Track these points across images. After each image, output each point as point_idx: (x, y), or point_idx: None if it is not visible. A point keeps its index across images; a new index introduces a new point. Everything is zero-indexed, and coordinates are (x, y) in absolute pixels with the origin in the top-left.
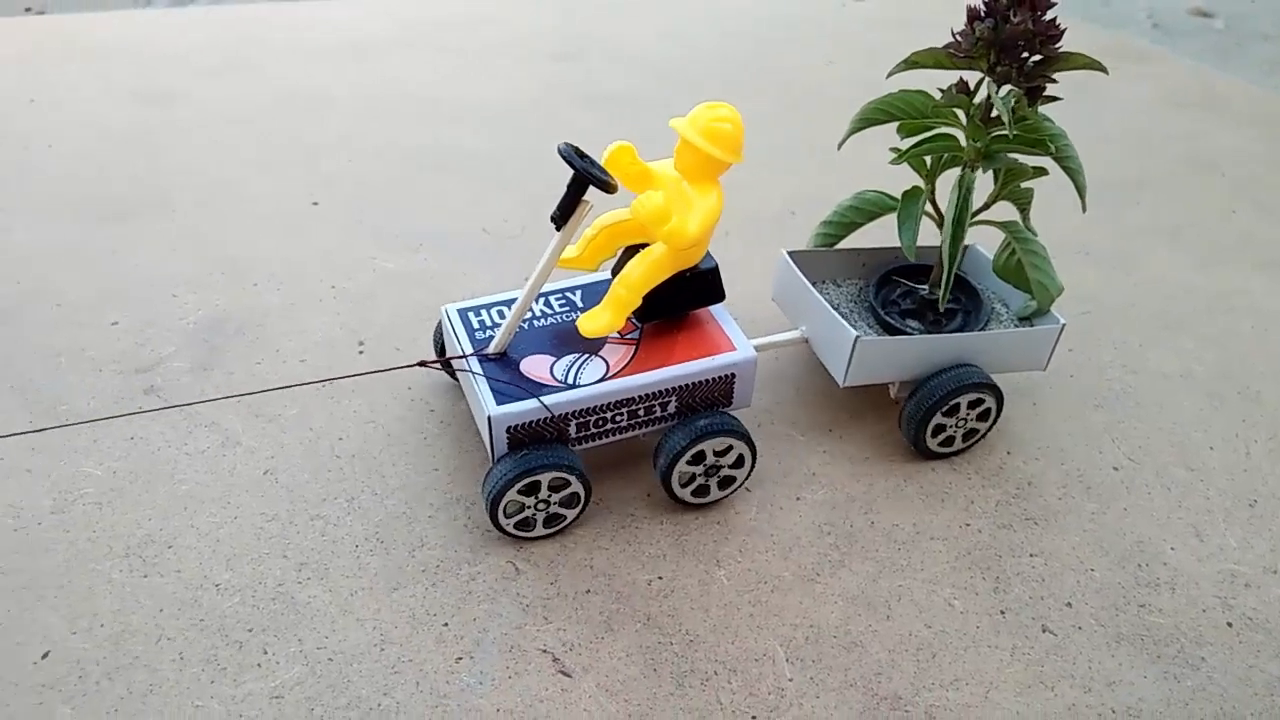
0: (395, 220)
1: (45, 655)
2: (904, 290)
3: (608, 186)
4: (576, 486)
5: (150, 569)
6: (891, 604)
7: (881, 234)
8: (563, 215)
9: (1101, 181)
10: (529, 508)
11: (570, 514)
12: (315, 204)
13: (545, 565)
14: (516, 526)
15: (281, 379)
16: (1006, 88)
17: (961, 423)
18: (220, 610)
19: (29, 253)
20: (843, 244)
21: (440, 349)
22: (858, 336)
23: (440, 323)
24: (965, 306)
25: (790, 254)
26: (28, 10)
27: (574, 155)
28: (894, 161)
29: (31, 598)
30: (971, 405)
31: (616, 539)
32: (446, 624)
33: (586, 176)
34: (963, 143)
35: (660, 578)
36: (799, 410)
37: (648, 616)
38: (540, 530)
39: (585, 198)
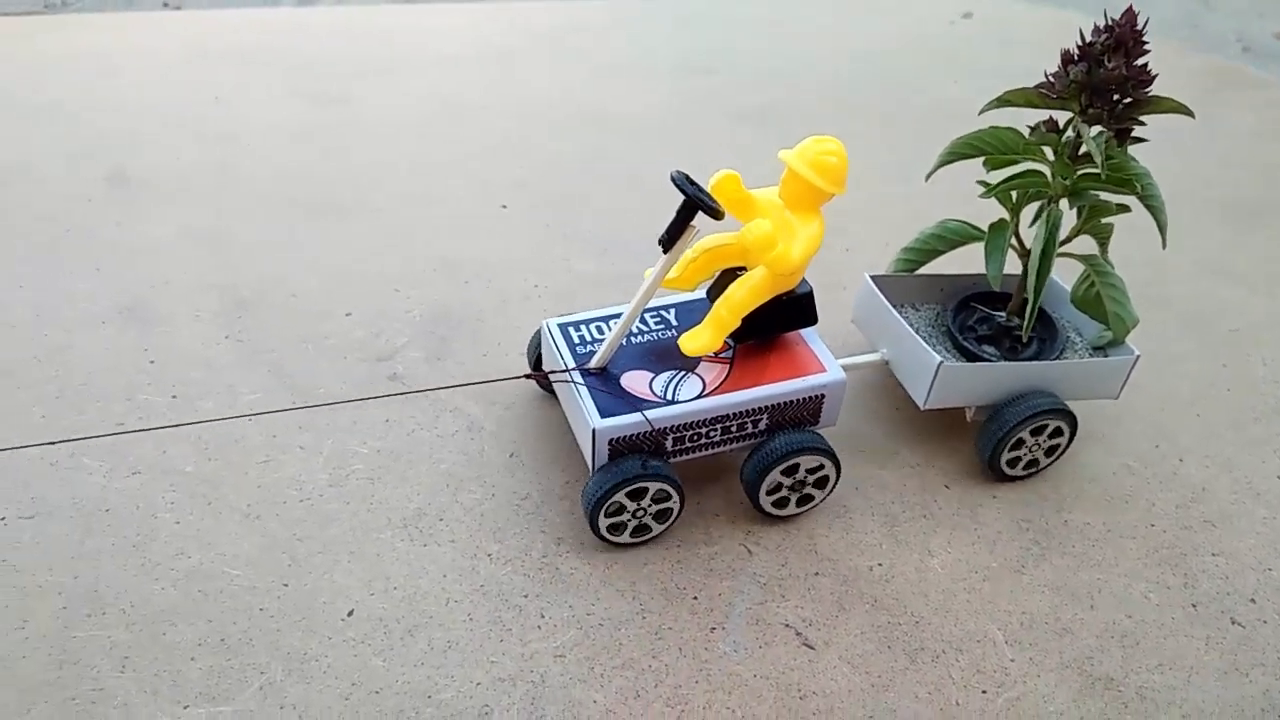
0: (579, 224)
1: (350, 613)
2: (981, 316)
3: (715, 213)
4: (673, 500)
5: (428, 539)
6: (1093, 595)
7: (954, 263)
8: (670, 238)
9: (1231, 204)
10: (628, 513)
11: (659, 527)
12: (504, 207)
13: (774, 549)
14: (609, 530)
15: (505, 370)
16: (1097, 128)
17: (1038, 446)
18: (496, 577)
19: (255, 247)
20: (922, 270)
21: (536, 361)
22: (942, 362)
23: (537, 335)
24: (1041, 334)
25: (873, 278)
26: (165, 5)
27: (685, 182)
28: (985, 195)
29: (328, 562)
30: (1049, 431)
31: (834, 528)
32: (695, 597)
33: (696, 202)
34: (1050, 179)
35: (880, 564)
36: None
37: (874, 599)
38: (627, 538)
39: (693, 223)
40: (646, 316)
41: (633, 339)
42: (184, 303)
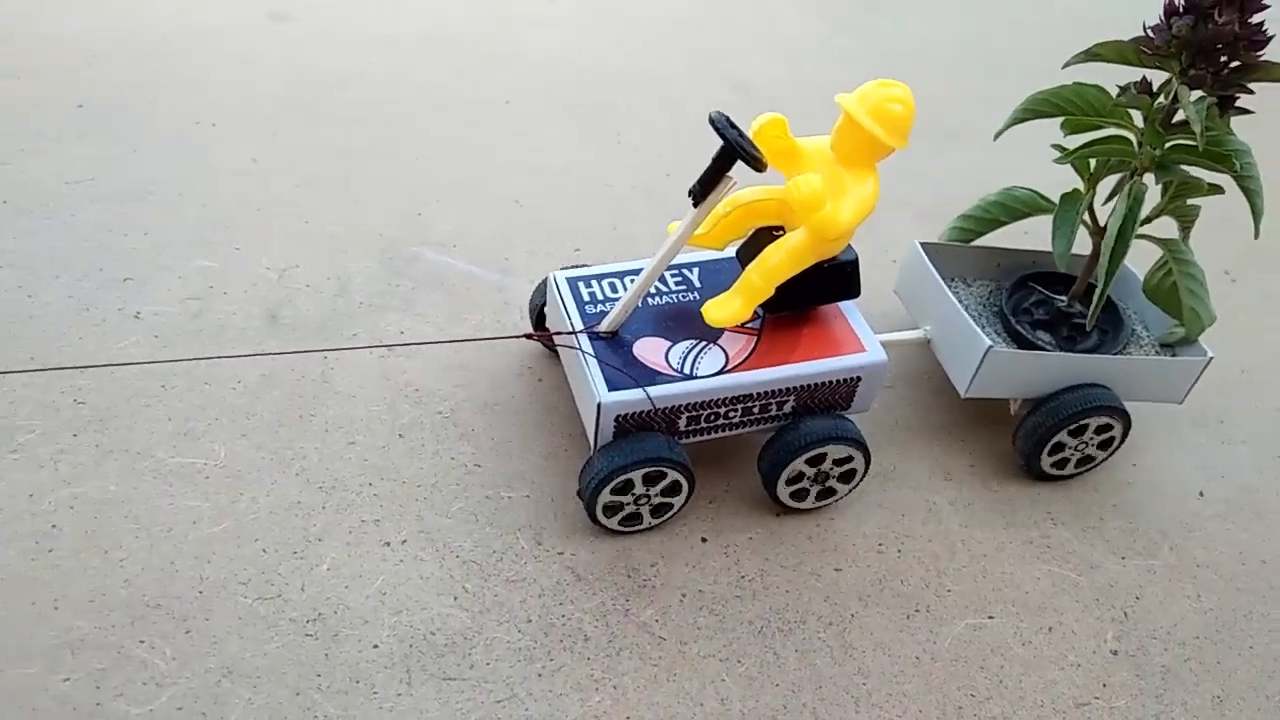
0: None
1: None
2: (1039, 299)
3: (758, 163)
4: (678, 478)
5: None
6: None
7: (1015, 236)
8: (703, 189)
9: None
10: (630, 498)
11: (676, 501)
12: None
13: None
14: (604, 512)
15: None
16: (1197, 93)
17: (1083, 445)
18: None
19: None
20: (979, 241)
21: (539, 316)
22: (990, 347)
23: (543, 288)
24: (1103, 324)
25: (923, 245)
26: None
27: (727, 125)
28: (1060, 160)
29: None
30: (1098, 429)
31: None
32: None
33: (736, 150)
34: (1136, 148)
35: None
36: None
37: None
38: (649, 521)
39: (729, 173)
40: (667, 276)
41: (649, 301)
42: None
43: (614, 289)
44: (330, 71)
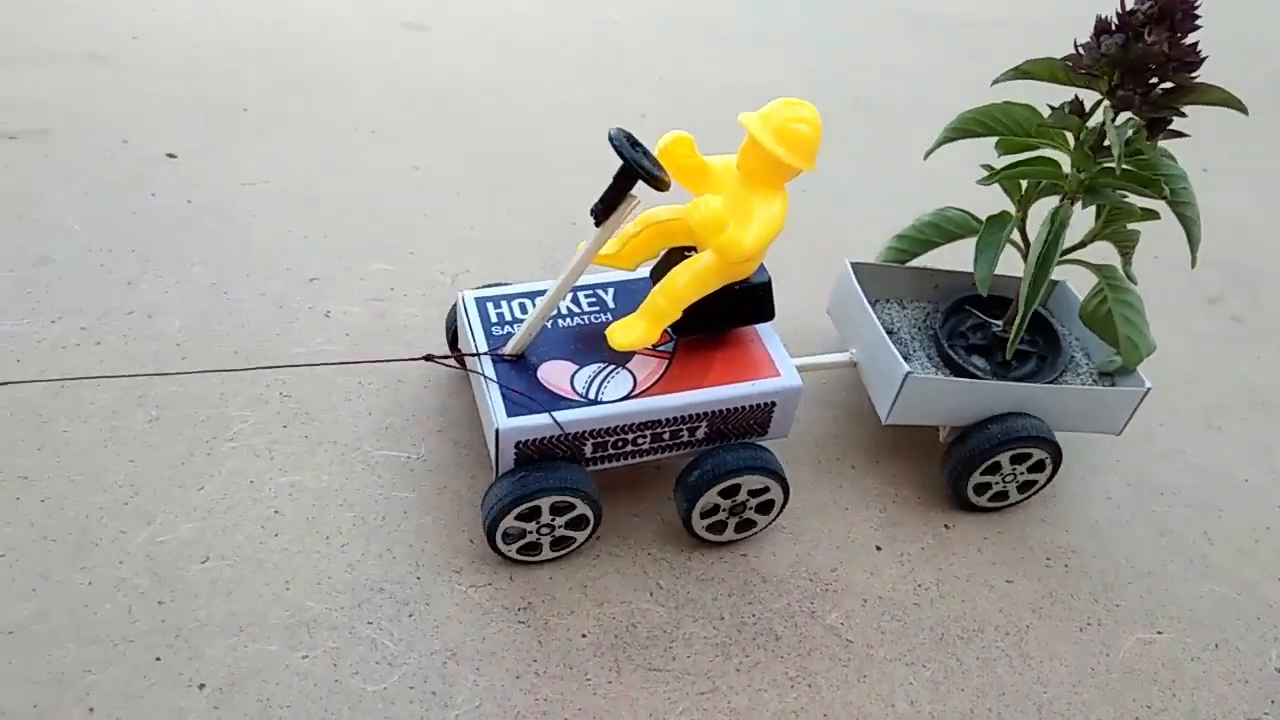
0: None
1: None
2: (976, 323)
3: (659, 183)
4: (584, 509)
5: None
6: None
7: (958, 257)
8: (605, 209)
9: None
10: (530, 532)
11: (580, 536)
12: None
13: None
14: (520, 550)
15: None
16: (1126, 115)
17: (1011, 477)
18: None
19: None
20: (917, 263)
21: (453, 338)
22: (909, 373)
23: (454, 309)
24: (1041, 351)
25: (854, 265)
26: None
27: (625, 143)
28: (983, 181)
29: None
30: (1020, 459)
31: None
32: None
33: (636, 169)
34: (1066, 170)
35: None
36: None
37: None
38: (548, 554)
39: (633, 192)
40: (580, 296)
41: (560, 322)
42: None
43: (524, 310)
44: (473, 80)
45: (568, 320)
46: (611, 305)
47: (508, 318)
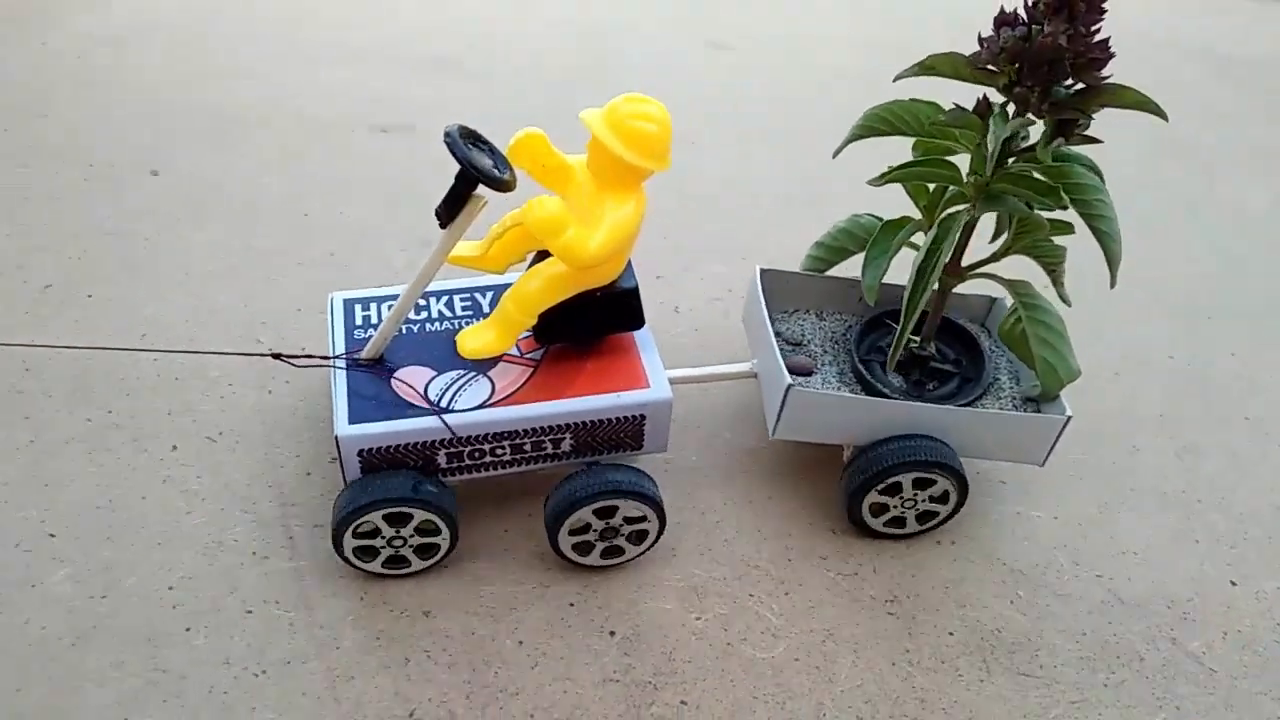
0: None
1: None
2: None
3: (498, 184)
4: (441, 536)
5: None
6: None
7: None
8: (448, 212)
9: None
10: (383, 540)
11: (420, 563)
12: None
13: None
14: (357, 554)
15: None
16: (1028, 116)
17: (911, 503)
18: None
19: None
20: (843, 272)
21: None
22: (790, 385)
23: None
24: (965, 372)
25: (764, 272)
26: None
27: (459, 143)
28: (873, 182)
29: None
30: (921, 484)
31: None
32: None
33: (468, 169)
34: (962, 174)
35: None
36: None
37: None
38: (379, 567)
39: (477, 193)
40: (455, 299)
41: (428, 326)
42: None
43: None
44: (776, 97)
45: (438, 325)
46: (486, 310)
47: (373, 320)
